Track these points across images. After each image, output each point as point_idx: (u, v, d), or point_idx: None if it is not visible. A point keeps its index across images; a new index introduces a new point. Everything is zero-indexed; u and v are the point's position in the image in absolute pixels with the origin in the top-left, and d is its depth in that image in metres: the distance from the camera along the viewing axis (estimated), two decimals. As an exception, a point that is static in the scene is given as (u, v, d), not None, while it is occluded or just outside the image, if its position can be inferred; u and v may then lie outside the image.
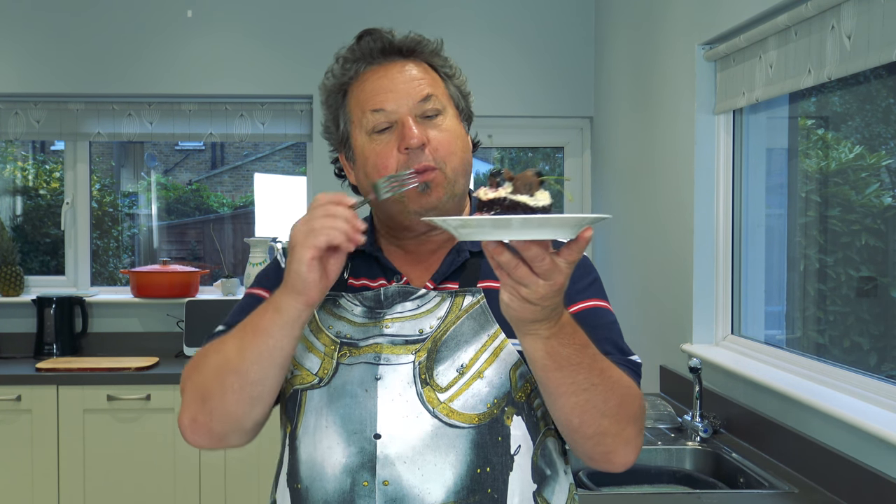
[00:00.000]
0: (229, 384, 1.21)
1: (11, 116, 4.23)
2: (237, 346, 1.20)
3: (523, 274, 1.02)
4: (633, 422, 1.22)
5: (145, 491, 3.67)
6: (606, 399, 1.16)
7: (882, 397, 2.05)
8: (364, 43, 1.34)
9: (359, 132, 1.33)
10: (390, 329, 1.28)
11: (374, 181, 1.28)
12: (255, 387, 1.20)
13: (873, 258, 2.44)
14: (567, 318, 1.12)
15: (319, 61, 4.80)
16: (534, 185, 1.01)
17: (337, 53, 1.37)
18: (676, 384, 3.03)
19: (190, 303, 4.09)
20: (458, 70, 1.39)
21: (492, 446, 1.23)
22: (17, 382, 3.65)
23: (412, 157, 1.27)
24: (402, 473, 1.20)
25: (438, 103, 1.32)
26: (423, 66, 1.35)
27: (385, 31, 1.35)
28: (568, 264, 1.03)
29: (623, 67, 3.76)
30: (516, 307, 1.05)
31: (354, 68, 1.34)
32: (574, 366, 1.12)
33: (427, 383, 1.23)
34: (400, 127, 1.29)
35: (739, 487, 2.31)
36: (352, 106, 1.34)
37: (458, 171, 1.31)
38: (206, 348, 1.29)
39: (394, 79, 1.31)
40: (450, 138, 1.31)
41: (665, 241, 3.19)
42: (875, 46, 1.98)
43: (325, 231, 1.12)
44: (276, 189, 5.48)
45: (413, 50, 1.35)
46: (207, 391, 1.23)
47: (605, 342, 1.26)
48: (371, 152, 1.30)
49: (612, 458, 1.22)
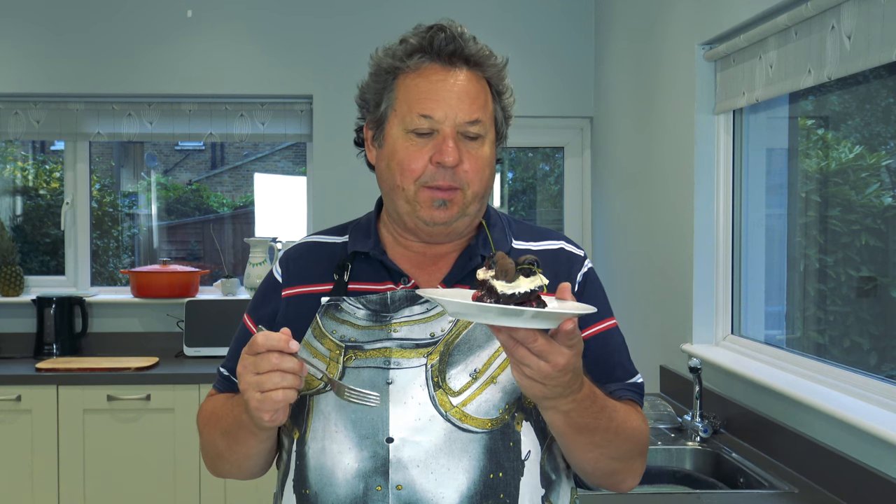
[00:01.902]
0: (230, 466, 1.37)
1: (11, 116, 4.23)
2: (226, 446, 1.33)
3: (523, 354, 1.05)
4: (640, 455, 1.32)
5: (145, 491, 3.67)
6: (619, 448, 1.25)
7: (882, 397, 2.04)
8: (437, 39, 1.29)
9: (397, 123, 1.30)
10: (399, 333, 1.27)
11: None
12: (254, 467, 1.37)
13: (873, 258, 2.44)
14: (587, 390, 1.16)
15: (319, 61, 4.82)
16: (510, 272, 1.04)
17: (404, 35, 1.32)
18: (676, 384, 3.03)
19: (190, 303, 4.09)
20: (510, 91, 1.37)
21: (504, 451, 1.23)
22: (17, 382, 3.65)
23: (441, 173, 1.27)
24: (415, 478, 1.20)
25: (483, 128, 1.30)
26: (483, 83, 1.32)
27: (460, 33, 1.30)
28: (568, 347, 1.05)
29: (623, 67, 3.76)
30: (526, 385, 1.09)
31: (417, 59, 1.30)
32: (591, 431, 1.19)
33: (440, 386, 1.23)
34: (441, 140, 1.27)
35: (739, 487, 2.31)
36: (400, 95, 1.30)
37: (477, 196, 1.31)
38: (207, 412, 1.40)
39: (451, 89, 1.28)
40: (481, 165, 1.30)
41: (665, 241, 3.19)
42: (875, 46, 1.98)
43: (277, 394, 1.14)
44: (276, 189, 5.48)
45: (479, 63, 1.31)
46: (217, 460, 1.39)
47: (616, 367, 1.35)
48: (403, 150, 1.29)
49: (619, 486, 1.32)
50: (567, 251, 1.39)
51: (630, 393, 1.34)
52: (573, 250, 1.40)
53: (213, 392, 1.45)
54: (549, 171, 4.73)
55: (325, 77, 4.19)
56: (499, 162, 1.43)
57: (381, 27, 4.11)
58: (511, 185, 4.76)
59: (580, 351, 1.08)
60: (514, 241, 1.38)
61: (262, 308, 1.40)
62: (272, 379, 1.13)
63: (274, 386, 1.13)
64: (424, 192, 1.28)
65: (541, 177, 4.77)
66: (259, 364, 1.13)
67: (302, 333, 1.32)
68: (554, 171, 4.65)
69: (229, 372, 1.41)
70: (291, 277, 1.39)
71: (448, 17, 1.33)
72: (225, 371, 1.43)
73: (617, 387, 1.34)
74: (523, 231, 1.41)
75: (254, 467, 1.36)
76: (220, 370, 1.45)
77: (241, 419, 1.23)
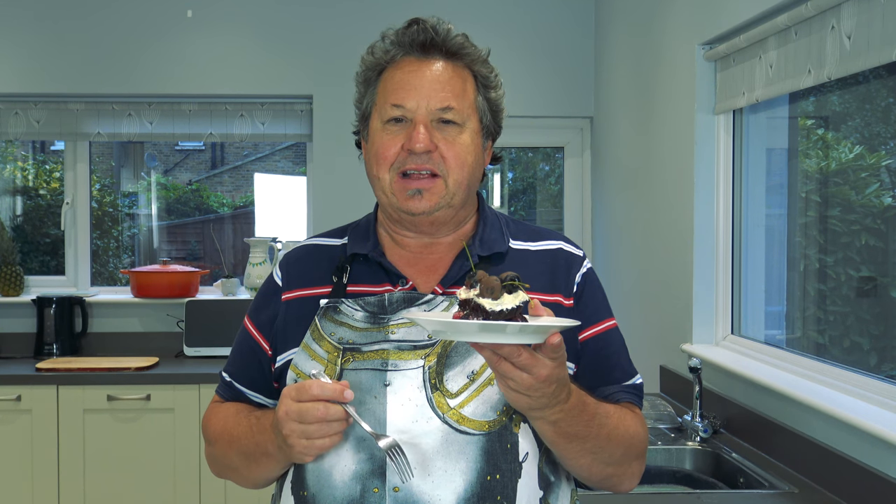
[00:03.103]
0: (244, 480, 1.38)
1: (11, 116, 4.23)
2: (244, 465, 1.33)
3: (506, 368, 1.07)
4: (637, 458, 1.32)
5: (145, 491, 3.67)
6: (612, 454, 1.26)
7: (882, 397, 2.04)
8: (411, 31, 1.33)
9: (377, 116, 1.33)
10: (396, 335, 1.27)
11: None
12: (269, 481, 1.37)
13: (873, 258, 2.44)
14: (574, 399, 1.17)
15: (319, 61, 4.81)
16: (496, 289, 1.06)
17: (384, 32, 1.36)
18: (676, 384, 3.03)
19: (190, 303, 4.09)
20: (498, 83, 1.37)
21: (501, 453, 1.23)
22: (17, 382, 3.65)
23: (413, 158, 1.29)
24: (412, 480, 1.20)
25: (459, 116, 1.30)
26: (461, 72, 1.33)
27: (433, 25, 1.32)
28: (551, 359, 1.07)
29: (623, 67, 3.76)
30: (511, 397, 1.12)
31: (393, 53, 1.34)
32: (581, 438, 1.20)
33: (437, 388, 1.23)
34: (412, 127, 1.29)
35: (739, 487, 2.31)
36: (379, 89, 1.34)
37: (460, 185, 1.31)
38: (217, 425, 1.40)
39: (423, 77, 1.30)
40: (460, 151, 1.30)
41: (665, 241, 3.19)
42: (875, 46, 1.98)
43: (324, 441, 1.18)
44: (276, 189, 5.48)
45: (455, 52, 1.33)
46: (228, 471, 1.40)
47: (615, 369, 1.35)
48: (379, 140, 1.32)
49: (617, 489, 1.33)
50: (566, 251, 1.39)
51: (628, 395, 1.34)
52: (572, 250, 1.39)
53: (218, 398, 1.45)
54: (549, 171, 4.73)
55: (325, 77, 4.19)
56: (498, 161, 1.43)
57: (382, 27, 4.10)
58: (511, 185, 4.76)
59: (563, 362, 1.10)
60: (511, 242, 1.38)
61: (262, 311, 1.40)
62: (320, 429, 1.16)
63: (321, 436, 1.16)
64: (399, 182, 1.30)
65: (541, 177, 4.77)
66: (304, 415, 1.15)
67: (301, 336, 1.32)
68: (554, 171, 4.65)
69: (232, 378, 1.42)
70: (291, 281, 1.39)
71: (435, 15, 1.35)
72: (228, 377, 1.43)
73: (615, 389, 1.34)
74: (521, 231, 1.41)
75: (267, 482, 1.37)
76: (222, 375, 1.44)
77: (268, 449, 1.25)
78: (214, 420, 1.40)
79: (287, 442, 1.18)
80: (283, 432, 1.17)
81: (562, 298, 1.33)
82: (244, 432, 1.31)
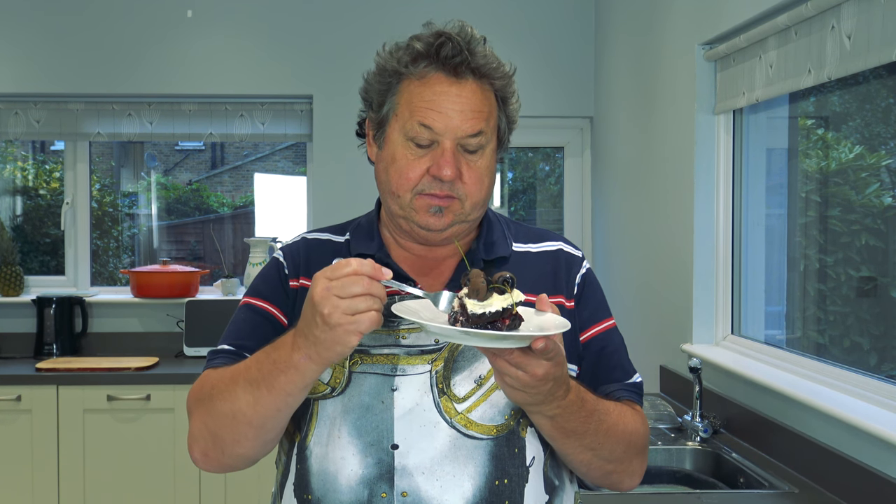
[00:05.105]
0: (243, 433, 1.20)
1: (11, 116, 4.23)
2: (250, 401, 1.17)
3: (502, 365, 1.07)
4: (638, 455, 1.31)
5: (145, 491, 3.67)
6: (612, 450, 1.25)
7: (882, 397, 2.04)
8: (444, 49, 1.25)
9: (398, 129, 1.28)
10: (407, 340, 1.27)
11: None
12: (268, 433, 1.21)
13: (873, 258, 2.44)
14: (573, 395, 1.16)
15: (319, 61, 4.81)
16: (481, 291, 1.05)
17: (412, 37, 1.29)
18: (676, 384, 3.03)
19: (190, 303, 4.09)
20: (516, 97, 1.35)
21: (509, 458, 1.23)
22: (17, 382, 3.65)
23: (437, 184, 1.26)
24: (420, 485, 1.20)
25: (484, 139, 1.28)
26: (488, 93, 1.29)
27: (466, 42, 1.26)
28: (545, 359, 1.06)
29: (623, 67, 3.76)
30: (508, 392, 1.11)
31: (423, 66, 1.27)
32: (580, 434, 1.20)
33: (444, 393, 1.23)
34: (439, 153, 1.25)
35: (739, 487, 2.31)
36: (403, 99, 1.28)
37: (476, 205, 1.30)
38: (213, 379, 1.25)
39: (454, 101, 1.25)
40: (480, 176, 1.28)
41: (665, 241, 3.19)
42: (875, 46, 1.98)
43: (368, 317, 1.07)
44: (276, 189, 5.48)
45: (488, 75, 1.29)
46: (219, 436, 1.23)
47: (615, 368, 1.35)
48: (402, 158, 1.27)
49: (618, 486, 1.32)
50: (566, 252, 1.39)
51: (628, 393, 1.34)
52: (572, 251, 1.40)
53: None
54: (549, 171, 4.73)
55: (325, 77, 4.19)
56: (500, 161, 1.43)
57: (382, 27, 4.11)
58: (511, 185, 4.76)
59: (561, 360, 1.09)
60: (514, 244, 1.38)
61: (269, 289, 1.34)
62: (366, 301, 1.06)
63: (367, 308, 1.06)
64: (421, 199, 1.27)
65: (541, 177, 4.77)
66: (349, 287, 1.05)
67: None
68: (554, 171, 4.65)
69: (240, 348, 1.31)
70: (299, 269, 1.35)
71: (457, 20, 1.30)
72: (228, 346, 1.32)
73: (615, 388, 1.34)
74: (522, 233, 1.41)
75: (267, 435, 1.22)
76: (220, 348, 1.33)
77: (291, 361, 1.12)
78: (207, 381, 1.26)
79: (328, 323, 1.06)
80: (325, 311, 1.06)
81: (563, 300, 1.34)
82: (253, 361, 1.19)
